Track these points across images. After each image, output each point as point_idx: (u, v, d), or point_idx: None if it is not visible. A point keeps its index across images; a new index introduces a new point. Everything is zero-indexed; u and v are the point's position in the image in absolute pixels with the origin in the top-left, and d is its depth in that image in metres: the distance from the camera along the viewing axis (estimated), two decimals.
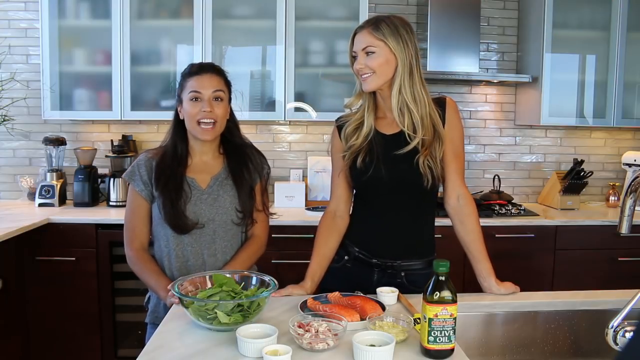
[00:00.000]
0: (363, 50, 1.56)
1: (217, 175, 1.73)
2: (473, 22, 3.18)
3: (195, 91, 1.65)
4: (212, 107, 1.64)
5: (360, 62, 1.57)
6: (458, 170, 1.64)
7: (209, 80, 1.66)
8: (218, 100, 1.67)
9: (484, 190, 3.37)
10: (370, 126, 1.63)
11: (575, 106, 3.28)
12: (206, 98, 1.64)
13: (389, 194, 1.62)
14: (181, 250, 1.69)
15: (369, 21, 1.59)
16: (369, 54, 1.56)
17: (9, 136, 3.24)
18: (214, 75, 1.69)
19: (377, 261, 1.66)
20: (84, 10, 3.05)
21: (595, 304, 1.56)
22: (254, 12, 3.09)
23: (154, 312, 1.73)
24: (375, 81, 1.57)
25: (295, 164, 3.45)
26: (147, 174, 1.69)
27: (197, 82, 1.66)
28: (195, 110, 1.64)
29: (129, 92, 3.02)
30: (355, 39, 1.60)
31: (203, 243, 1.69)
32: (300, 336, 1.18)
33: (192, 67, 1.72)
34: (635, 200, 1.28)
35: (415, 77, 1.57)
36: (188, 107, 1.65)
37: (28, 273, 2.74)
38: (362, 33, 1.57)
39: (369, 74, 1.56)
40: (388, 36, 1.55)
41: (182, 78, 1.70)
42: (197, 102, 1.65)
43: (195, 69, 1.70)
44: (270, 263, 2.75)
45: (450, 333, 1.16)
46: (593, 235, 2.97)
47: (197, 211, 1.67)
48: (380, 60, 1.55)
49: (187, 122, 1.68)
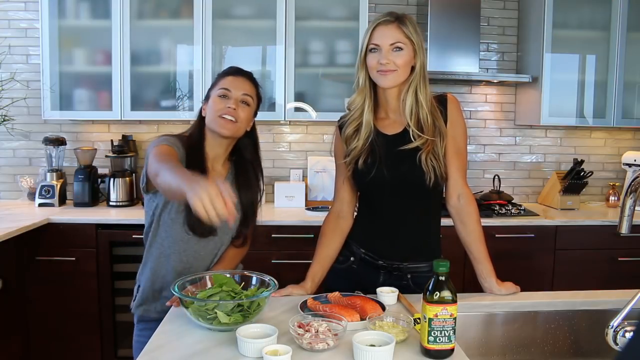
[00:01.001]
0: (392, 45, 1.52)
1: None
2: (473, 22, 3.18)
3: (226, 89, 1.63)
4: (238, 107, 1.62)
5: (387, 57, 1.52)
6: (460, 168, 1.63)
7: (242, 83, 1.65)
8: (244, 104, 1.64)
9: (484, 190, 3.37)
10: (370, 127, 1.60)
11: (575, 106, 3.29)
12: (234, 97, 1.62)
13: (392, 194, 1.61)
14: (186, 255, 1.64)
15: (392, 15, 1.55)
16: (396, 50, 1.52)
17: (9, 136, 3.24)
18: (248, 80, 1.67)
19: (383, 263, 1.65)
20: (84, 10, 3.06)
21: (595, 304, 1.56)
22: (254, 12, 3.09)
23: (143, 302, 1.66)
24: (396, 79, 1.54)
25: (295, 164, 3.45)
26: (176, 146, 1.58)
27: (230, 82, 1.64)
28: (221, 106, 1.61)
29: (129, 92, 3.02)
30: (379, 33, 1.53)
31: (210, 250, 1.67)
32: (300, 336, 1.18)
33: (230, 68, 1.71)
34: (635, 200, 1.28)
35: (426, 78, 1.57)
36: (214, 102, 1.63)
37: (28, 273, 2.74)
38: (390, 27, 1.53)
39: (393, 71, 1.53)
40: (414, 35, 1.53)
41: (218, 77, 1.69)
42: (225, 99, 1.62)
43: (232, 70, 1.69)
44: (270, 263, 2.75)
45: (450, 333, 1.16)
46: (593, 235, 2.97)
47: None
48: (406, 59, 1.53)
49: (208, 116, 1.63)
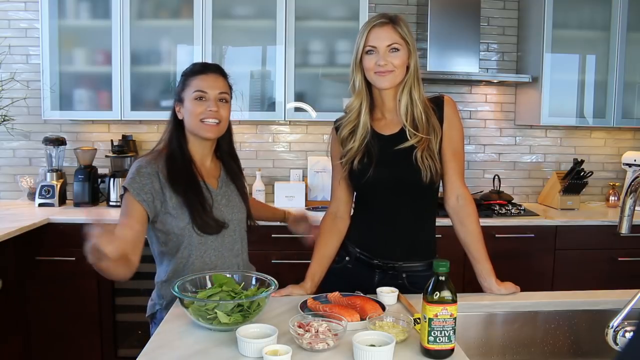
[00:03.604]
0: (389, 46, 1.53)
1: (220, 177, 1.72)
2: (473, 22, 3.18)
3: (201, 90, 1.61)
4: (218, 107, 1.62)
5: (385, 58, 1.53)
6: (457, 169, 1.63)
7: (214, 81, 1.64)
8: (223, 101, 1.64)
9: (484, 190, 3.37)
10: (367, 127, 1.61)
11: (575, 106, 3.28)
12: (212, 98, 1.61)
13: (388, 194, 1.61)
14: (208, 256, 1.62)
15: (386, 17, 1.56)
16: (393, 51, 1.54)
17: (9, 136, 3.23)
18: (219, 76, 1.66)
19: (378, 262, 1.65)
20: (84, 10, 3.05)
21: (595, 304, 1.56)
22: (254, 12, 3.09)
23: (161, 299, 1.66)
24: (393, 79, 1.56)
25: (295, 164, 3.45)
26: (151, 182, 1.57)
27: (203, 82, 1.62)
28: (201, 109, 1.60)
29: (129, 92, 3.02)
30: (375, 34, 1.54)
31: (227, 244, 1.66)
32: (300, 336, 1.18)
33: (195, 66, 1.68)
34: (635, 200, 1.28)
35: (420, 78, 1.58)
36: (191, 106, 1.61)
37: (28, 273, 2.74)
38: (386, 29, 1.54)
39: (390, 72, 1.54)
40: (408, 35, 1.55)
41: (185, 77, 1.65)
42: (202, 101, 1.61)
43: (200, 67, 1.66)
44: (270, 263, 2.76)
45: (450, 333, 1.16)
46: (593, 235, 2.97)
47: (217, 213, 1.63)
48: (403, 59, 1.55)
49: (188, 121, 1.62)
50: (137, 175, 1.57)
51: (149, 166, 1.59)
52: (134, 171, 1.59)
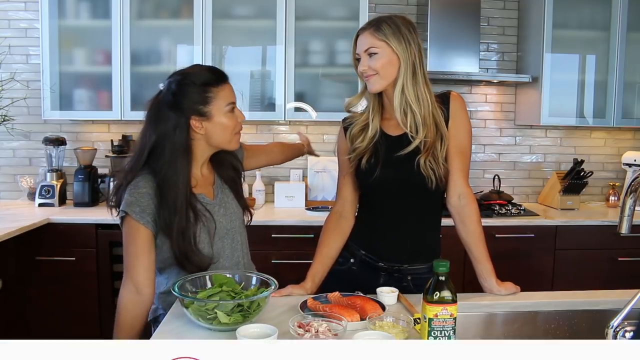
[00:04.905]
0: (365, 51, 1.56)
1: (215, 184, 1.66)
2: (473, 22, 3.19)
3: (233, 102, 1.56)
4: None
5: (364, 64, 1.56)
6: (461, 167, 1.62)
7: (232, 89, 1.58)
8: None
9: (484, 190, 3.37)
10: (376, 128, 1.62)
11: (575, 106, 3.29)
12: (237, 107, 1.58)
13: (394, 196, 1.61)
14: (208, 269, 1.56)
15: (371, 22, 1.59)
16: (371, 55, 1.55)
17: (9, 136, 3.23)
18: (229, 82, 1.61)
19: (384, 265, 1.65)
20: (84, 10, 3.06)
21: (595, 304, 1.56)
22: (254, 12, 3.09)
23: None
24: (379, 82, 1.56)
25: (295, 164, 3.42)
26: (148, 202, 1.48)
27: (229, 92, 1.55)
28: (234, 122, 1.54)
29: (129, 92, 3.03)
30: (358, 41, 1.59)
31: (227, 255, 1.62)
32: (300, 336, 1.18)
33: (217, 75, 1.55)
34: (635, 200, 1.28)
35: (419, 77, 1.56)
36: (227, 119, 1.52)
37: (28, 273, 2.74)
38: (364, 35, 1.57)
39: (373, 75, 1.56)
40: (390, 36, 1.54)
41: (206, 88, 1.51)
42: (234, 113, 1.56)
43: (218, 76, 1.55)
44: (270, 263, 2.75)
45: (450, 333, 1.16)
46: (593, 235, 2.97)
47: (219, 226, 1.59)
48: (383, 61, 1.54)
49: (220, 135, 1.53)
50: (136, 197, 1.48)
51: (147, 185, 1.49)
52: (132, 193, 1.49)
